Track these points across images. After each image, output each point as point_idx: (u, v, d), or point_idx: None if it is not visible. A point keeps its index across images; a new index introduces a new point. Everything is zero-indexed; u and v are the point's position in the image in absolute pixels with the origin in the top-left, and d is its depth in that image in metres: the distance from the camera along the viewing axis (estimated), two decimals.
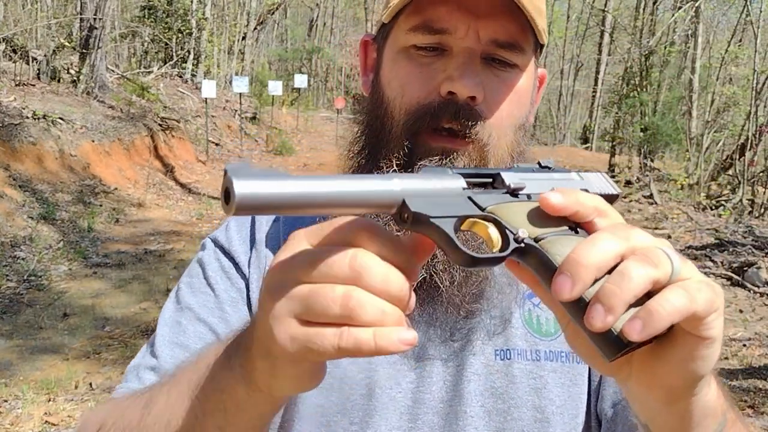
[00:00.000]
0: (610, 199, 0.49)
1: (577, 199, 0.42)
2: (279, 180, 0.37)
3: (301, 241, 0.42)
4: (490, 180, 0.46)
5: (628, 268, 0.38)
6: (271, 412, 0.51)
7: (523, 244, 0.41)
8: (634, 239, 0.40)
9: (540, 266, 0.41)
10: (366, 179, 0.40)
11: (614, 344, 0.39)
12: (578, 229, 0.42)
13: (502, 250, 0.42)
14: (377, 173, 0.66)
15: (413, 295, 0.41)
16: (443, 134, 0.66)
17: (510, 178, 0.45)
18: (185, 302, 0.73)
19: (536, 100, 0.76)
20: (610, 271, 0.39)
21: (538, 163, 0.49)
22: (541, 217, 0.42)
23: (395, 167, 0.66)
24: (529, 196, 0.45)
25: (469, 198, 0.43)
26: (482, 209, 0.43)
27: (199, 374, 0.52)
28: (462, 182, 0.43)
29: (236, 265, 0.74)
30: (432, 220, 0.40)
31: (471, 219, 0.42)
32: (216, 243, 0.76)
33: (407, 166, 0.66)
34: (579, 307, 0.39)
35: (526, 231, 0.42)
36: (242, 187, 0.36)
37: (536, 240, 0.42)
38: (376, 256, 0.40)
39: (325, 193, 0.38)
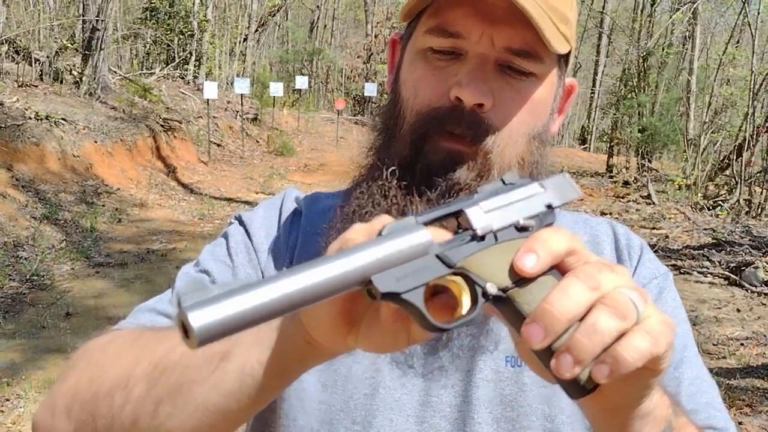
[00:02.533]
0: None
1: (550, 251, 0.42)
2: (237, 297, 0.35)
3: None
4: (455, 216, 0.45)
5: (598, 322, 0.39)
6: (309, 357, 0.50)
7: (491, 298, 0.42)
8: (604, 285, 0.40)
9: (510, 314, 0.42)
10: (328, 264, 0.38)
11: (579, 389, 0.41)
12: (550, 269, 0.42)
13: (471, 307, 0.42)
14: (378, 172, 0.67)
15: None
16: (451, 136, 0.65)
17: (474, 217, 0.44)
18: (204, 265, 0.74)
19: (563, 110, 0.75)
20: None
21: (501, 180, 0.48)
22: (507, 259, 0.43)
23: (395, 166, 0.66)
24: (496, 237, 0.44)
25: (437, 257, 0.42)
26: (452, 266, 0.42)
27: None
28: (427, 235, 0.42)
29: (254, 246, 0.75)
30: (402, 296, 0.40)
31: (441, 278, 0.42)
32: (241, 221, 0.78)
33: (409, 166, 0.66)
34: (547, 353, 0.40)
35: (494, 285, 0.42)
36: (199, 319, 0.34)
37: (505, 290, 0.42)
38: None
39: (289, 294, 0.37)
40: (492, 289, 0.42)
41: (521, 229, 0.45)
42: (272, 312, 0.36)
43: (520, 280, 0.42)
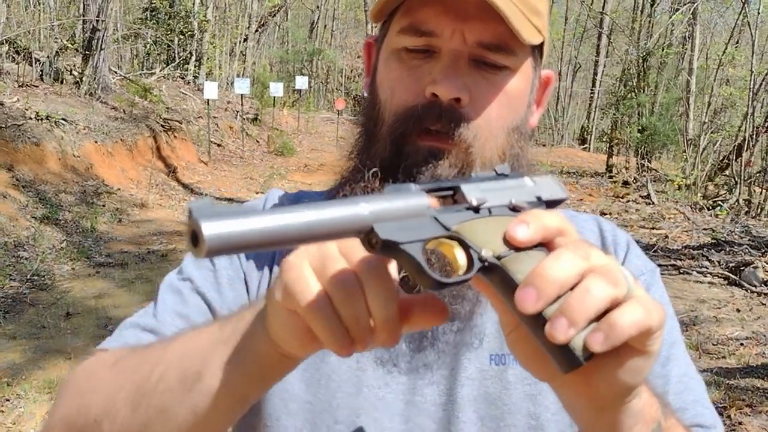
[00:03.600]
0: (558, 203, 0.52)
1: (542, 224, 0.43)
2: (246, 217, 0.37)
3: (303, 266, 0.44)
4: (451, 193, 0.46)
5: (591, 285, 0.40)
6: (284, 367, 0.51)
7: (486, 263, 0.43)
8: (594, 258, 0.41)
9: (502, 283, 0.43)
10: (334, 206, 0.40)
11: (571, 358, 0.40)
12: (540, 246, 0.43)
13: (467, 271, 0.43)
14: (359, 175, 0.67)
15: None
16: (431, 134, 0.65)
17: (470, 192, 0.46)
18: (187, 273, 0.73)
19: (541, 102, 0.74)
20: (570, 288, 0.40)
21: (494, 171, 0.50)
22: (499, 232, 0.44)
23: (377, 167, 0.66)
24: (490, 210, 0.46)
25: (434, 218, 0.43)
26: (447, 229, 0.43)
27: (217, 329, 0.53)
28: (426, 200, 0.44)
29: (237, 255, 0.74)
30: (401, 246, 0.41)
31: (437, 239, 0.43)
32: None
33: (391, 167, 0.66)
34: (538, 320, 0.40)
35: (489, 251, 0.43)
36: (211, 229, 0.35)
37: (498, 258, 0.43)
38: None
39: (294, 225, 0.38)
40: (487, 253, 0.43)
41: (514, 209, 0.47)
42: (276, 239, 0.37)
43: (512, 249, 0.43)
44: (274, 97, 13.94)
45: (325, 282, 0.43)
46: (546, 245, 0.43)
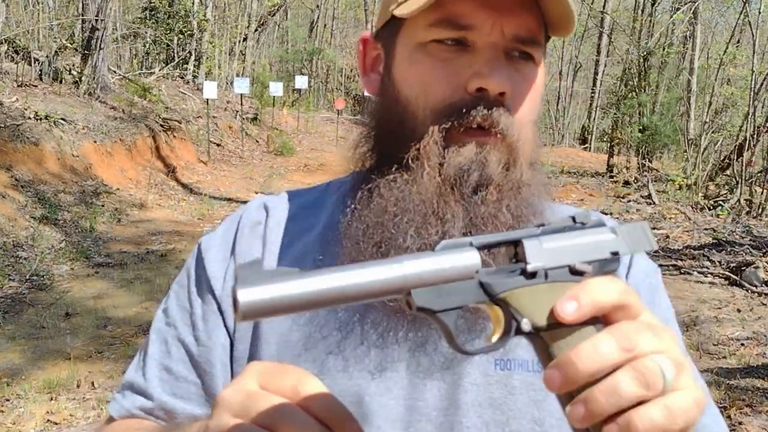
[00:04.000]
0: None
1: (594, 302, 0.41)
2: (283, 283, 0.38)
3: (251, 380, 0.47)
4: (513, 248, 0.45)
5: (620, 383, 0.39)
6: None
7: (523, 334, 0.43)
8: (638, 348, 0.40)
9: (541, 352, 0.43)
10: (373, 267, 0.40)
11: None
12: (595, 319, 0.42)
13: (502, 337, 0.43)
14: (405, 175, 0.65)
15: None
16: (474, 130, 0.64)
17: (531, 250, 0.44)
18: (172, 317, 0.75)
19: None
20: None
21: (572, 218, 0.47)
22: (553, 300, 0.43)
23: (427, 168, 0.64)
24: (546, 274, 0.44)
25: (481, 284, 0.43)
26: (493, 296, 0.43)
27: None
28: (477, 259, 0.43)
29: (208, 276, 0.74)
30: (436, 314, 0.42)
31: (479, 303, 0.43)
32: (199, 250, 0.77)
33: (439, 165, 0.64)
34: (567, 394, 0.41)
35: (529, 323, 0.42)
36: (246, 295, 0.38)
37: (538, 330, 0.42)
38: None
39: (334, 288, 0.39)
40: (526, 326, 0.42)
41: (576, 272, 0.44)
42: (314, 302, 0.39)
43: (557, 323, 0.42)
44: (274, 96, 13.93)
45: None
46: (603, 318, 0.42)
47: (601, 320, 0.42)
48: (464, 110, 0.63)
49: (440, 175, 0.64)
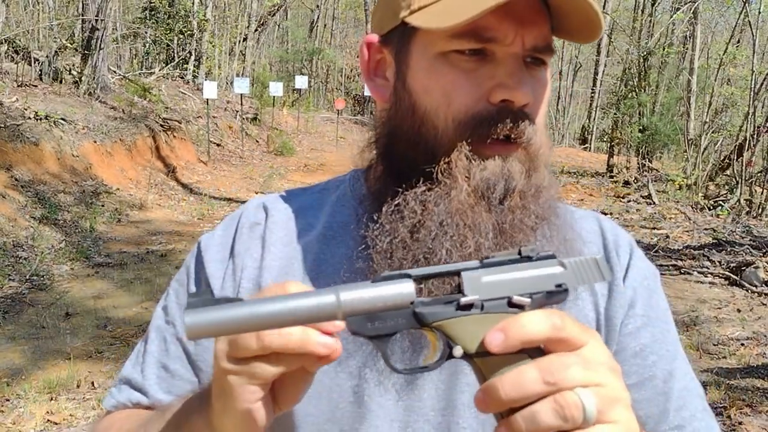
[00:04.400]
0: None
1: (520, 335, 0.43)
2: (223, 309, 0.45)
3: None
4: (454, 280, 0.48)
5: (538, 415, 0.42)
6: None
7: (456, 358, 0.46)
8: (563, 383, 0.42)
9: (476, 372, 0.46)
10: (310, 297, 0.45)
11: None
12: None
13: (438, 360, 0.47)
14: (434, 186, 0.65)
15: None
16: (496, 141, 0.64)
17: (468, 283, 0.46)
18: (171, 315, 0.77)
19: None
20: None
21: (519, 252, 0.48)
22: (486, 329, 0.45)
23: (460, 181, 0.64)
24: (482, 306, 0.46)
25: (414, 313, 0.46)
26: (425, 324, 0.46)
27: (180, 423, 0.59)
28: (411, 290, 0.46)
29: (206, 275, 0.75)
30: (370, 338, 0.46)
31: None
32: (199, 249, 0.77)
33: (466, 177, 0.64)
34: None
35: (461, 350, 0.46)
36: (191, 319, 0.44)
37: (471, 356, 0.45)
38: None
39: (268, 314, 0.44)
40: (458, 352, 0.46)
41: (513, 305, 0.46)
42: (252, 327, 0.45)
43: (487, 352, 0.44)
44: (274, 96, 13.94)
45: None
46: (544, 347, 0.45)
47: (541, 350, 0.44)
48: (490, 122, 0.63)
49: (469, 186, 0.64)
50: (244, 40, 17.53)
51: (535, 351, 0.44)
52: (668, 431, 0.72)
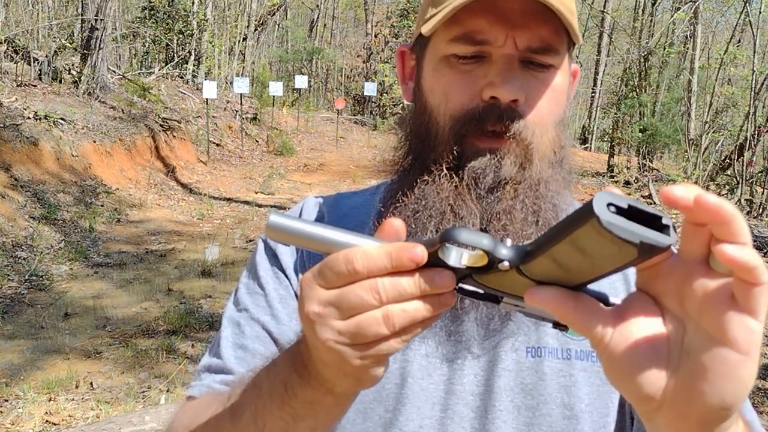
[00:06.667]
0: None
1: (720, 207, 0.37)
2: (300, 222, 0.49)
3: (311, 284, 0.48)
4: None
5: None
6: (354, 399, 0.56)
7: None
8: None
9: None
10: (363, 237, 0.47)
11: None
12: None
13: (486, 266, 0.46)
14: (426, 176, 0.71)
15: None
16: (489, 135, 0.69)
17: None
18: (243, 303, 0.80)
19: (570, 95, 0.79)
20: None
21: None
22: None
23: (445, 171, 0.70)
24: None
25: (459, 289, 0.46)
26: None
27: (281, 393, 0.56)
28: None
29: (281, 265, 0.79)
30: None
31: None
32: (266, 243, 0.82)
33: (457, 168, 0.70)
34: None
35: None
36: (275, 217, 0.49)
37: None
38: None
39: (330, 237, 0.47)
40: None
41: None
42: (312, 240, 0.48)
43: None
44: (274, 96, 13.93)
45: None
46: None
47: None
48: (479, 116, 0.69)
49: (458, 177, 0.70)
50: (244, 39, 17.52)
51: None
52: None
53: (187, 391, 0.78)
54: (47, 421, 3.33)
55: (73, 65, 10.40)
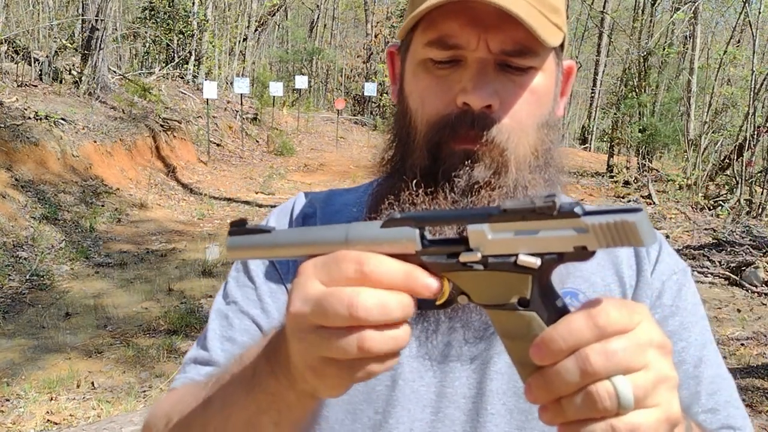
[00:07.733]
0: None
1: (566, 347, 0.41)
2: (257, 236, 0.52)
3: (309, 276, 0.47)
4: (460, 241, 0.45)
5: (567, 402, 0.41)
6: (318, 406, 0.57)
7: (461, 304, 0.46)
8: (593, 369, 0.40)
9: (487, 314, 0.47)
10: (324, 231, 0.48)
11: None
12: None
13: (445, 302, 0.47)
14: (405, 181, 0.70)
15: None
16: (462, 140, 0.68)
17: (474, 240, 0.44)
18: (232, 296, 0.79)
19: (565, 92, 0.77)
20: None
21: (532, 201, 0.42)
22: (491, 285, 0.44)
23: (419, 177, 0.69)
24: (486, 264, 0.44)
25: (422, 264, 0.45)
26: (434, 272, 0.45)
27: (249, 378, 0.57)
28: (416, 242, 0.45)
29: (273, 262, 0.79)
30: None
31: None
32: None
33: (429, 174, 0.69)
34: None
35: (466, 298, 0.46)
36: (230, 240, 0.53)
37: (478, 305, 0.45)
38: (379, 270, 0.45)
39: (289, 241, 0.50)
40: (462, 300, 0.46)
41: (518, 265, 0.43)
42: (275, 250, 0.52)
43: (496, 305, 0.45)
44: (274, 96, 13.93)
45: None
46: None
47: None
48: (452, 123, 0.68)
49: (433, 182, 0.69)
50: (244, 40, 17.52)
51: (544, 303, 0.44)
52: (700, 413, 0.73)
53: (172, 384, 0.78)
54: (48, 420, 3.34)
55: (73, 65, 10.41)
